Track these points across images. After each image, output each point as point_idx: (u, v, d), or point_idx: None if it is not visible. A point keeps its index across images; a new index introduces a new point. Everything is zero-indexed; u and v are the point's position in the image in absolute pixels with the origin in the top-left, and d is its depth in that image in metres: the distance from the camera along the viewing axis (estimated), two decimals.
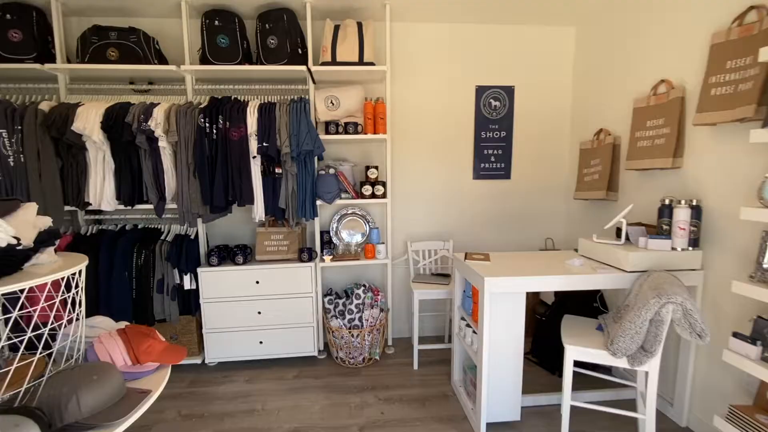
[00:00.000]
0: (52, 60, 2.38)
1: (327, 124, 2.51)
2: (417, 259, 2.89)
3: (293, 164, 2.38)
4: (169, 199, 2.40)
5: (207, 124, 2.31)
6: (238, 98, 2.46)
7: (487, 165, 2.96)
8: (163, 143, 2.28)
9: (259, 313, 2.54)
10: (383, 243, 2.64)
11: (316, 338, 2.62)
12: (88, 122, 2.22)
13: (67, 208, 2.34)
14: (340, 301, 2.76)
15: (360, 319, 2.61)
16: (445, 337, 2.99)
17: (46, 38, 2.38)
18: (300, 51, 2.55)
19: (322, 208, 2.85)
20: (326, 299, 2.72)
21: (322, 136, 2.51)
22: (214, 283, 2.48)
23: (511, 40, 2.87)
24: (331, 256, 2.62)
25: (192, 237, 2.55)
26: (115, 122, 2.23)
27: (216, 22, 2.42)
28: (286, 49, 2.46)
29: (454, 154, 2.93)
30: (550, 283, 1.80)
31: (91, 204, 2.33)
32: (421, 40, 2.81)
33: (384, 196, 2.59)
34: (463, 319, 2.19)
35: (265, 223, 2.66)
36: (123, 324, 1.35)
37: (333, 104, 2.54)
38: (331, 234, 2.82)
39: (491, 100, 2.91)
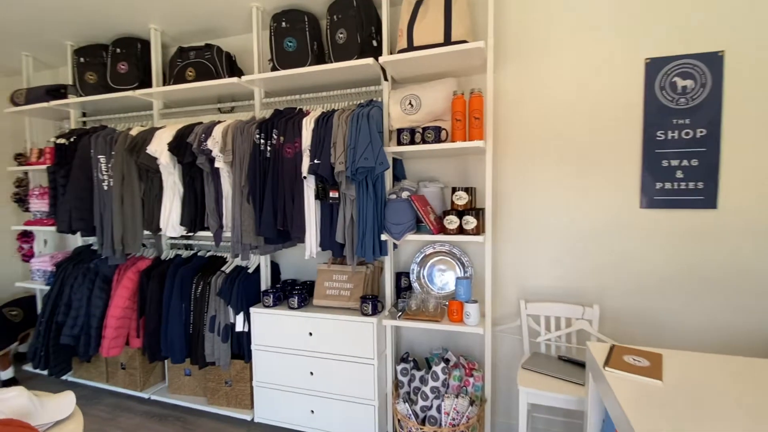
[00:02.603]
0: (150, 87, 2.45)
1: (400, 132, 1.85)
2: (536, 328, 1.89)
3: (350, 186, 1.80)
4: (226, 226, 2.13)
5: (262, 141, 1.97)
6: (303, 109, 2.06)
7: (668, 185, 1.78)
8: (219, 163, 2.03)
9: (312, 374, 2.00)
10: (475, 301, 1.77)
11: (378, 421, 1.91)
12: (160, 144, 2.14)
13: (146, 232, 2.32)
14: (418, 374, 1.99)
15: (438, 409, 1.79)
16: None
17: (147, 67, 2.48)
18: (374, 43, 2.00)
19: (405, 244, 2.17)
20: (400, 368, 2.00)
21: (390, 148, 1.86)
22: (267, 328, 2.07)
23: None
24: (400, 313, 1.89)
25: (250, 270, 2.23)
26: (179, 143, 2.10)
27: (283, 24, 2.10)
28: (357, 42, 1.94)
29: (604, 167, 1.86)
30: None
31: (161, 229, 2.25)
32: (544, 1, 1.90)
33: (478, 231, 1.74)
34: None
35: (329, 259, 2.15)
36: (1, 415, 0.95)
37: (412, 105, 1.88)
38: (412, 278, 2.10)
39: (676, 79, 1.75)
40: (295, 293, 2.06)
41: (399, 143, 1.85)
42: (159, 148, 2.13)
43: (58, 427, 1.05)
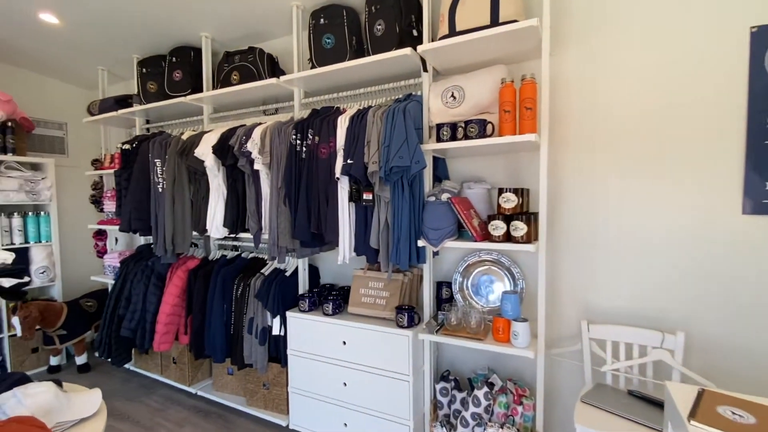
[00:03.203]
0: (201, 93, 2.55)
1: (440, 127, 1.68)
2: (601, 355, 1.61)
3: (384, 187, 1.67)
4: (265, 228, 2.11)
5: (298, 141, 1.91)
6: (340, 107, 1.97)
7: None
8: (258, 165, 2.02)
9: (345, 384, 1.90)
10: (525, 320, 1.54)
11: None
12: (206, 147, 2.19)
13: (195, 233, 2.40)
14: (459, 396, 1.81)
15: None
16: None
17: (199, 74, 2.58)
18: (415, 33, 1.86)
19: (447, 251, 1.99)
20: (439, 387, 1.83)
21: (429, 146, 1.69)
22: (302, 333, 2.01)
23: None
24: (438, 328, 1.72)
25: (288, 273, 2.20)
26: (222, 146, 2.13)
27: (321, 21, 2.04)
28: (395, 33, 1.82)
29: (692, 164, 1.52)
30: None
31: (207, 230, 2.30)
32: None
33: (529, 238, 1.51)
34: None
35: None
36: (25, 410, 0.95)
37: (454, 98, 1.70)
38: (454, 288, 1.91)
39: None
40: (330, 299, 1.98)
41: (439, 140, 1.68)
42: (205, 150, 2.18)
43: (81, 425, 1.04)
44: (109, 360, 2.54)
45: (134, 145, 2.60)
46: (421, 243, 1.69)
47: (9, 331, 2.76)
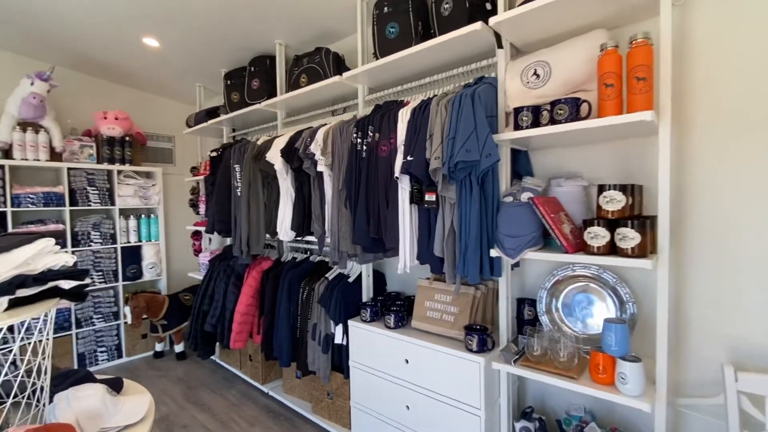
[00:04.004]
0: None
1: (518, 112, 1.38)
2: (757, 417, 1.14)
3: (449, 186, 1.44)
4: (328, 231, 2.03)
5: (359, 140, 1.79)
6: (403, 101, 1.80)
7: None
8: (321, 167, 1.95)
9: (408, 408, 1.71)
10: (636, 359, 1.15)
11: None
12: (275, 151, 2.21)
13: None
14: None
15: None
16: None
17: (274, 81, 2.64)
18: (488, 5, 1.59)
19: (530, 262, 1.67)
20: (519, 426, 1.52)
21: (504, 135, 1.40)
22: (364, 344, 1.88)
23: None
24: (517, 357, 1.41)
25: (351, 279, 2.08)
26: (289, 149, 2.11)
27: (385, 10, 1.89)
28: (465, 8, 1.58)
29: None
30: None
31: (278, 233, 2.32)
32: None
33: (643, 251, 1.13)
34: None
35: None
36: (71, 414, 0.95)
37: (538, 76, 1.39)
38: (540, 308, 1.58)
39: None
40: (393, 310, 1.81)
41: (517, 127, 1.39)
42: (274, 154, 2.19)
43: (126, 431, 1.03)
44: (195, 352, 2.73)
45: (219, 153, 2.78)
46: (494, 253, 1.41)
47: (123, 319, 3.17)
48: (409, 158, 1.50)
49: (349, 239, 1.84)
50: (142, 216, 3.32)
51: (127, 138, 3.16)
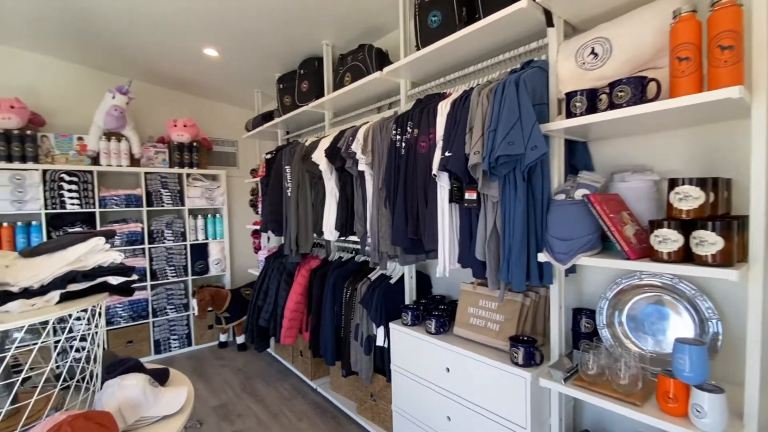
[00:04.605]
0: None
1: (570, 97, 1.21)
2: None
3: (490, 183, 1.31)
4: (369, 231, 2.00)
5: (398, 136, 1.73)
6: (445, 93, 1.70)
7: None
8: (361, 165, 1.92)
9: (449, 419, 1.61)
10: (718, 389, 0.94)
11: None
12: (320, 151, 2.23)
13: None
14: None
15: None
16: None
17: (322, 82, 2.67)
18: None
19: (589, 268, 1.48)
20: None
21: (554, 124, 1.23)
22: (405, 348, 1.82)
23: None
24: (568, 375, 1.25)
25: (393, 281, 2.03)
26: (332, 149, 2.12)
27: None
28: None
29: None
30: None
31: (324, 233, 2.35)
32: None
33: (728, 258, 0.92)
34: None
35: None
36: (114, 402, 1.02)
37: (596, 54, 1.22)
38: (600, 320, 1.39)
39: None
40: (435, 315, 1.72)
41: (569, 115, 1.22)
42: (319, 155, 2.22)
43: (162, 422, 1.08)
44: (252, 344, 2.88)
45: (273, 155, 2.89)
46: (542, 257, 1.26)
47: (191, 310, 3.45)
48: (447, 154, 1.40)
49: (389, 240, 1.79)
50: (209, 215, 3.59)
51: (195, 143, 3.44)
